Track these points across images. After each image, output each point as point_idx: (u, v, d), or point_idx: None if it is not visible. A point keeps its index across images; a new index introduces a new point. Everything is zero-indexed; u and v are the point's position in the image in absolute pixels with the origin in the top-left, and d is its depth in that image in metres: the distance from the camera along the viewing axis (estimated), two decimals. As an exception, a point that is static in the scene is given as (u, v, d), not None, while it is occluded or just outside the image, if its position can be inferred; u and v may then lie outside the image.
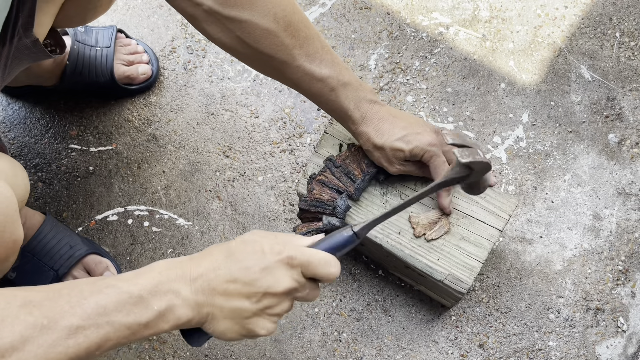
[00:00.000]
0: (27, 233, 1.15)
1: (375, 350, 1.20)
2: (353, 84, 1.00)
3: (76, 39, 1.29)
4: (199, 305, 0.74)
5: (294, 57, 0.96)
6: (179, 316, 0.73)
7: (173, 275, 0.73)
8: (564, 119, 1.34)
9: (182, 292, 0.73)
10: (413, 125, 1.03)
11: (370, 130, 1.02)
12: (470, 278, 1.06)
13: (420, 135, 1.02)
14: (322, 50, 0.98)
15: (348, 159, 1.10)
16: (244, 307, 0.76)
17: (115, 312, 0.69)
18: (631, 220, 1.26)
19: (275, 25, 0.93)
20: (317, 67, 0.98)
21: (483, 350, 1.20)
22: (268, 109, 1.36)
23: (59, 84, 1.30)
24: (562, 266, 1.24)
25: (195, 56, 1.40)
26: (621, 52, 1.38)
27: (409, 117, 1.05)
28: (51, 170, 1.32)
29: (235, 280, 0.75)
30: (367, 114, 1.02)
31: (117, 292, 0.69)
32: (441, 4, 1.43)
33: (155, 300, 0.71)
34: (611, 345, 1.19)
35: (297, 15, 0.96)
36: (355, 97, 1.01)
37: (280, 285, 0.76)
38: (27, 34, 0.86)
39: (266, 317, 0.78)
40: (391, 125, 1.02)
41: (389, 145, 1.02)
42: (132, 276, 0.72)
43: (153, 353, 1.20)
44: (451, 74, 1.38)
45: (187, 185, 1.31)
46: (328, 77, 0.98)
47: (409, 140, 1.01)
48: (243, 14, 0.92)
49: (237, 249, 0.77)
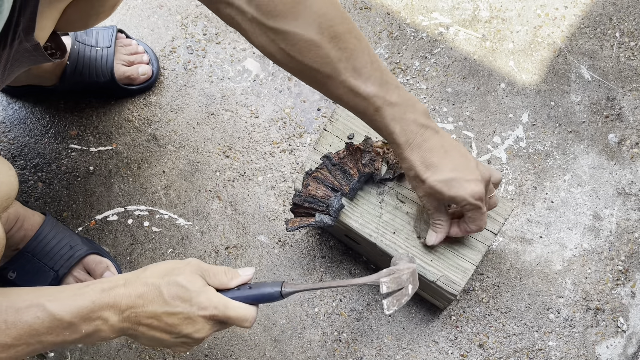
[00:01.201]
0: (27, 234, 1.15)
1: (375, 350, 1.20)
2: (401, 105, 0.92)
3: (76, 39, 1.29)
4: (123, 330, 0.84)
5: (339, 71, 0.90)
6: (103, 337, 0.83)
7: (105, 304, 0.81)
8: (564, 119, 1.34)
9: (110, 320, 0.82)
10: (463, 170, 0.95)
11: (415, 159, 0.95)
12: (463, 280, 1.06)
13: (467, 184, 0.95)
14: (371, 65, 0.91)
15: (345, 158, 1.10)
16: (163, 338, 0.86)
17: (46, 334, 0.78)
18: (631, 220, 1.26)
19: (320, 36, 0.88)
20: (362, 83, 0.91)
21: (483, 350, 1.20)
22: (268, 109, 1.36)
23: (59, 84, 1.30)
24: (562, 266, 1.24)
25: (196, 56, 1.40)
26: (621, 52, 1.38)
27: (460, 156, 0.96)
28: (51, 170, 1.32)
29: (160, 320, 0.84)
30: (415, 140, 0.94)
31: (50, 318, 0.78)
32: (441, 4, 1.43)
33: (84, 325, 0.80)
34: (611, 345, 1.19)
35: (345, 25, 0.90)
36: (402, 119, 0.93)
37: (199, 334, 0.86)
38: (28, 38, 0.85)
39: (185, 346, 0.89)
40: (439, 161, 0.95)
41: (430, 184, 0.95)
42: (68, 298, 0.80)
43: (153, 353, 1.20)
44: (451, 74, 1.38)
45: (187, 185, 1.31)
46: (374, 96, 0.91)
47: (452, 185, 0.95)
48: (286, 24, 0.87)
49: (167, 292, 0.84)
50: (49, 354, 1.20)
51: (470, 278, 1.23)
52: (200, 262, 0.89)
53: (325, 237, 1.27)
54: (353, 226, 1.10)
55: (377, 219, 1.10)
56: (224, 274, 0.90)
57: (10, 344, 0.75)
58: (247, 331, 1.22)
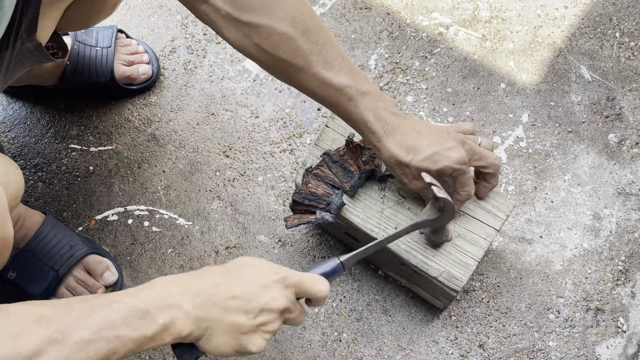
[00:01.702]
0: (27, 233, 1.15)
1: (375, 350, 1.20)
2: (373, 94, 0.96)
3: (76, 39, 1.29)
4: (199, 319, 0.78)
5: (311, 64, 0.93)
6: (180, 329, 0.77)
7: (175, 290, 0.77)
8: (564, 119, 1.34)
9: (185, 306, 0.77)
10: (439, 142, 0.98)
11: (393, 145, 0.98)
12: (466, 276, 1.06)
13: (448, 153, 0.98)
14: (341, 58, 0.95)
15: (346, 155, 1.10)
16: (241, 322, 0.80)
17: (124, 326, 0.72)
18: (631, 220, 1.26)
19: (293, 29, 0.91)
20: (335, 75, 0.94)
21: (483, 351, 1.20)
22: (268, 109, 1.36)
23: (60, 84, 1.30)
24: (562, 266, 1.24)
25: (196, 56, 1.40)
26: (621, 52, 1.38)
27: (432, 132, 1.00)
28: (51, 170, 1.32)
29: (236, 297, 0.80)
30: (389, 127, 0.97)
31: (125, 306, 0.73)
32: (441, 4, 1.43)
33: (160, 314, 0.75)
34: (611, 345, 1.19)
35: (315, 21, 0.93)
36: (375, 107, 0.96)
37: (277, 303, 0.82)
38: (30, 38, 0.86)
39: (260, 334, 0.82)
40: (416, 142, 0.98)
41: (415, 164, 0.98)
42: (136, 291, 0.76)
43: (153, 353, 1.20)
44: (451, 74, 1.38)
45: (187, 185, 1.31)
46: (346, 86, 0.95)
47: (436, 159, 0.98)
48: (260, 18, 0.90)
49: (235, 269, 0.82)
50: None
51: (471, 275, 1.23)
52: None
53: (325, 237, 1.27)
54: (354, 221, 1.10)
55: (379, 214, 1.10)
56: None
57: (88, 339, 0.70)
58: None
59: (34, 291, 1.15)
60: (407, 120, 0.99)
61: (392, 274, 1.21)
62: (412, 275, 1.13)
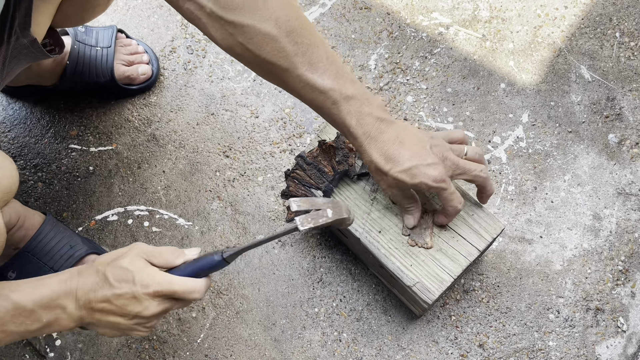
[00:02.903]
0: (27, 233, 1.15)
1: (375, 350, 1.20)
2: (358, 98, 0.95)
3: (76, 39, 1.29)
4: (81, 318, 0.88)
5: (295, 65, 0.93)
6: (63, 326, 0.87)
7: (62, 292, 0.86)
8: (564, 119, 1.34)
9: (68, 308, 0.86)
10: (420, 156, 0.97)
11: (374, 152, 0.97)
12: (439, 290, 1.06)
13: (427, 169, 0.97)
14: (327, 60, 0.94)
15: (319, 156, 1.11)
16: (118, 321, 0.89)
17: (10, 323, 0.82)
18: (631, 220, 1.26)
19: (277, 30, 0.90)
20: (319, 77, 0.93)
21: (483, 350, 1.20)
22: (268, 109, 1.36)
23: (59, 84, 1.30)
24: (562, 266, 1.24)
25: (195, 56, 1.40)
26: (621, 52, 1.38)
27: (416, 143, 0.98)
28: (51, 170, 1.32)
29: (110, 303, 0.87)
30: (371, 133, 0.96)
31: (14, 306, 0.82)
32: (441, 4, 1.43)
33: (44, 314, 0.84)
34: (611, 345, 1.19)
35: (300, 21, 0.92)
36: (359, 112, 0.95)
37: (148, 311, 0.89)
38: (24, 34, 0.85)
39: (140, 327, 0.91)
40: (397, 152, 0.97)
41: (393, 176, 0.97)
42: (30, 288, 0.85)
43: (153, 353, 1.20)
44: (451, 74, 1.38)
45: (187, 185, 1.31)
46: (330, 89, 0.93)
47: (414, 174, 0.97)
48: (244, 18, 0.89)
49: (112, 276, 0.87)
50: (49, 354, 1.20)
51: (471, 276, 1.23)
52: (145, 245, 0.92)
53: (325, 237, 1.27)
54: None
55: (366, 215, 1.11)
56: (169, 253, 0.92)
57: None
58: (247, 331, 1.22)
59: None
60: (392, 126, 0.97)
61: (376, 274, 1.22)
62: (389, 278, 1.14)
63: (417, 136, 0.99)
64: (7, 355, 1.20)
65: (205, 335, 1.22)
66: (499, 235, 1.13)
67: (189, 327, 1.22)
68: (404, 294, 1.16)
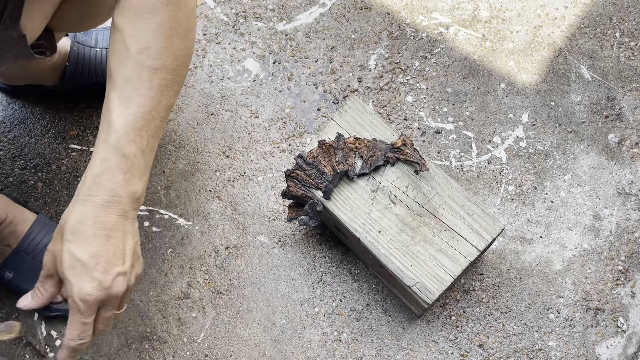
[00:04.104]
0: (17, 229, 1.15)
1: (375, 350, 1.20)
2: (129, 165, 0.83)
3: (76, 39, 1.29)
4: None
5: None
6: None
7: None
8: (564, 119, 1.34)
9: None
10: (101, 265, 0.82)
11: (77, 210, 0.83)
12: (439, 290, 1.07)
13: (87, 280, 0.82)
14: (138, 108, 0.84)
15: (319, 156, 1.11)
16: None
17: None
18: (631, 220, 1.26)
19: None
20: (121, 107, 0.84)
21: (483, 350, 1.20)
22: (268, 109, 1.36)
23: (59, 85, 1.30)
24: (562, 266, 1.24)
25: (195, 56, 1.40)
26: (621, 52, 1.38)
27: (116, 254, 0.84)
28: (51, 170, 1.32)
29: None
30: (95, 193, 0.83)
31: None
32: (441, 4, 1.43)
33: None
34: (611, 345, 1.19)
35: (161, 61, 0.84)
36: (114, 168, 0.83)
37: None
38: (13, 26, 0.83)
39: None
40: (91, 235, 0.82)
41: (62, 248, 0.83)
42: None
43: (153, 353, 1.21)
44: (451, 74, 1.38)
45: (187, 185, 1.31)
46: (120, 129, 0.83)
47: (76, 270, 0.82)
48: None
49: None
50: (49, 354, 1.20)
51: (471, 276, 1.23)
52: None
53: (325, 237, 1.27)
54: (341, 218, 1.11)
55: (366, 215, 1.11)
56: None
57: None
58: (247, 331, 1.22)
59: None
60: (121, 219, 0.83)
61: (376, 274, 1.22)
62: (389, 278, 1.14)
63: (128, 249, 0.85)
64: (7, 355, 1.21)
65: (205, 335, 1.22)
66: (499, 235, 1.13)
67: (189, 327, 1.22)
68: (404, 294, 1.16)
